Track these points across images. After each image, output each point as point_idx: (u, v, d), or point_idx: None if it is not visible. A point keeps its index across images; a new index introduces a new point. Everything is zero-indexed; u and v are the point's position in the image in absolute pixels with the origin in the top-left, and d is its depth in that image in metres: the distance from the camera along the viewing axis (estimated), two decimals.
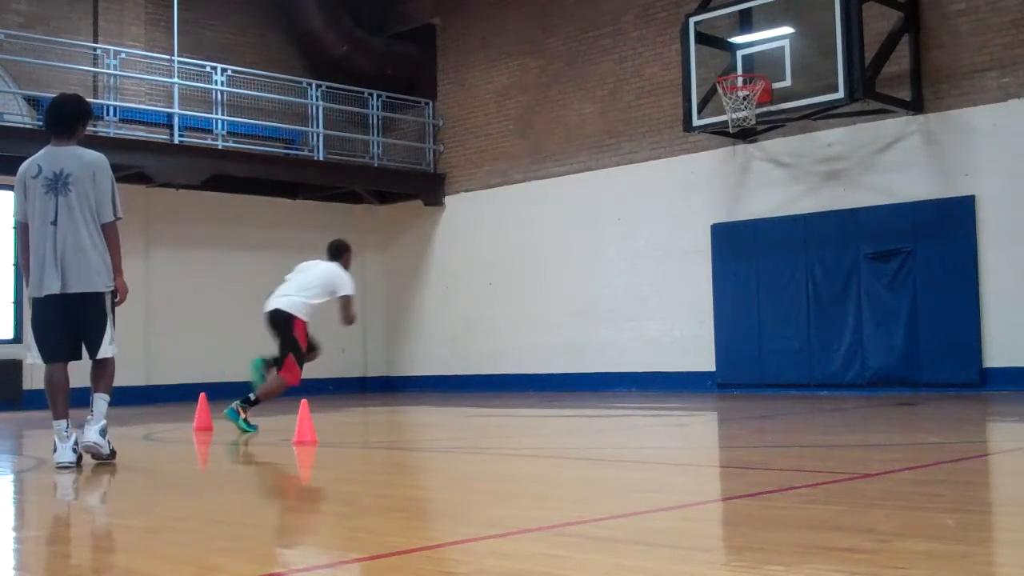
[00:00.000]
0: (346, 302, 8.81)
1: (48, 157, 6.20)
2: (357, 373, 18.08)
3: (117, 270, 6.15)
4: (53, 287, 5.83)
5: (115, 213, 6.16)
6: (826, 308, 12.96)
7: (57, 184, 6.10)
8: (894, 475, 4.78)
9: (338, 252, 9.22)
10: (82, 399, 6.25)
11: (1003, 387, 11.58)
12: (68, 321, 5.95)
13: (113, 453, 6.15)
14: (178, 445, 8.18)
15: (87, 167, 6.06)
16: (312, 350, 9.02)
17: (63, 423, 6.03)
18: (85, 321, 5.96)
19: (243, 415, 8.25)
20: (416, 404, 13.35)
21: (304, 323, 8.69)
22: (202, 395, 9.40)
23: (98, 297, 5.96)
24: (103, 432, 6.10)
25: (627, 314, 14.88)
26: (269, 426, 8.89)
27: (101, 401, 6.22)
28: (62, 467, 5.82)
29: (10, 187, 14.68)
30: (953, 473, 4.93)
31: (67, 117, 6.29)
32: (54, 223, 5.91)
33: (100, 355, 5.99)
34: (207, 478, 6.09)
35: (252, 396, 8.47)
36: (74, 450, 5.99)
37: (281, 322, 8.64)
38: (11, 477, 6.04)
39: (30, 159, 6.14)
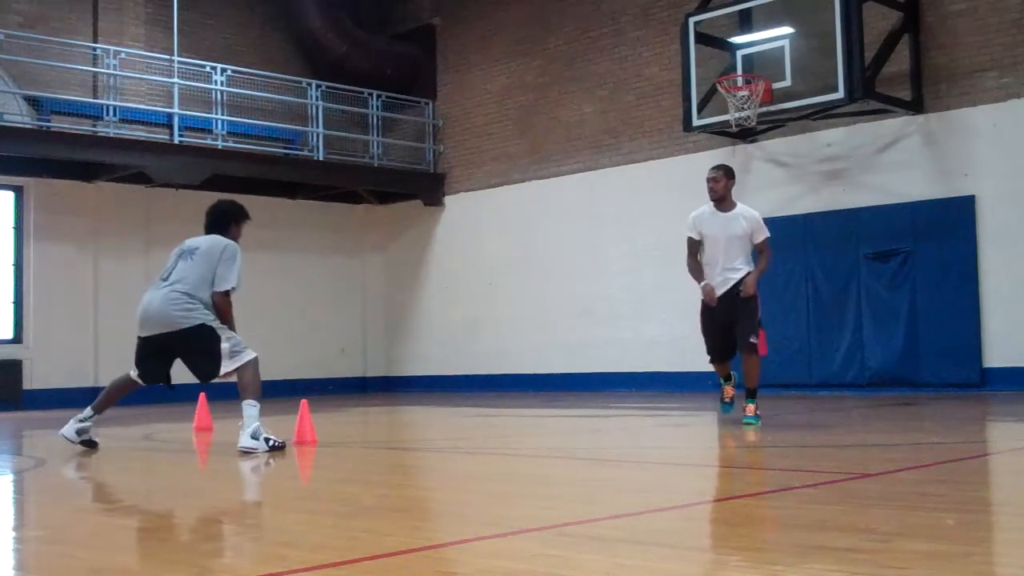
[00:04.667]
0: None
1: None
2: (357, 373, 18.08)
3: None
4: None
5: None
6: (826, 308, 12.96)
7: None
8: (894, 475, 4.78)
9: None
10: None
11: (1003, 387, 11.58)
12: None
13: (275, 447, 6.69)
14: (178, 445, 8.18)
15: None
16: None
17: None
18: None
19: None
20: (416, 404, 13.34)
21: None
22: (202, 395, 9.39)
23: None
24: (254, 435, 6.76)
25: (627, 314, 14.87)
26: (269, 426, 8.89)
27: (246, 407, 6.93)
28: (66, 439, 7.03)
29: (10, 187, 14.75)
30: (953, 473, 4.93)
31: (217, 222, 7.64)
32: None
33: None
34: (207, 478, 6.09)
35: None
36: (77, 432, 7.10)
37: None
38: (11, 477, 6.04)
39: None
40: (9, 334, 14.66)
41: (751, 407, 7.89)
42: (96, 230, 15.20)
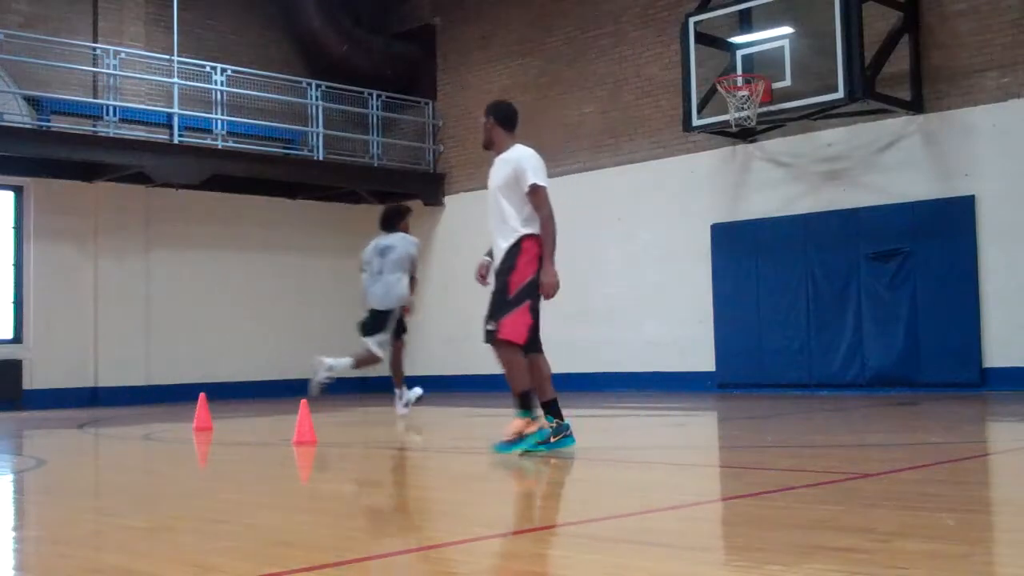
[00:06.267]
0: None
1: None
2: (357, 373, 18.06)
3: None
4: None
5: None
6: (826, 308, 12.96)
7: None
8: (894, 475, 4.78)
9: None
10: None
11: (1003, 387, 11.58)
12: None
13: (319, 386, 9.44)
14: (178, 445, 8.17)
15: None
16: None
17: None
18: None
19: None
20: (416, 404, 13.32)
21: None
22: (202, 395, 9.40)
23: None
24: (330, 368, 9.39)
25: (627, 314, 14.87)
26: (269, 426, 8.89)
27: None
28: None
29: (10, 187, 14.74)
30: (953, 473, 4.93)
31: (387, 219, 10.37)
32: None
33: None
34: (207, 478, 6.09)
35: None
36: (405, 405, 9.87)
37: None
38: (11, 477, 6.04)
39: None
40: (9, 334, 14.66)
41: (512, 425, 5.99)
42: (96, 230, 15.20)
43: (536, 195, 6.09)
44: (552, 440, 5.94)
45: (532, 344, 6.09)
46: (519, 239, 6.05)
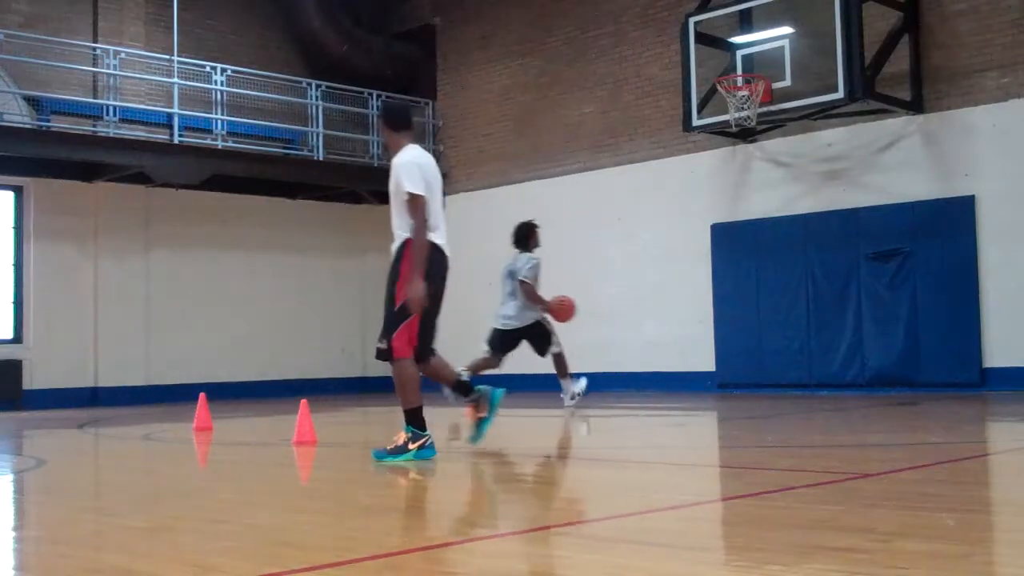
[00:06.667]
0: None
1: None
2: (357, 373, 18.07)
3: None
4: None
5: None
6: (826, 308, 12.96)
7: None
8: (894, 475, 4.78)
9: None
10: None
11: (1003, 387, 11.58)
12: None
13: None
14: (178, 445, 8.17)
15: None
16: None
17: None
18: None
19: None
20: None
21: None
22: (202, 395, 9.40)
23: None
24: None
25: (627, 314, 14.87)
26: (269, 426, 8.89)
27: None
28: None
29: (10, 187, 14.74)
30: (953, 473, 4.93)
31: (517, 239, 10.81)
32: None
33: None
34: (207, 478, 6.09)
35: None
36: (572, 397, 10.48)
37: None
38: (11, 477, 6.04)
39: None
40: (9, 334, 14.66)
41: (397, 437, 5.91)
42: (96, 230, 15.20)
43: (409, 203, 5.86)
44: (411, 447, 5.84)
45: (423, 350, 5.97)
46: (403, 244, 5.90)
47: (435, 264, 5.88)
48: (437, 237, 5.91)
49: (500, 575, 2.91)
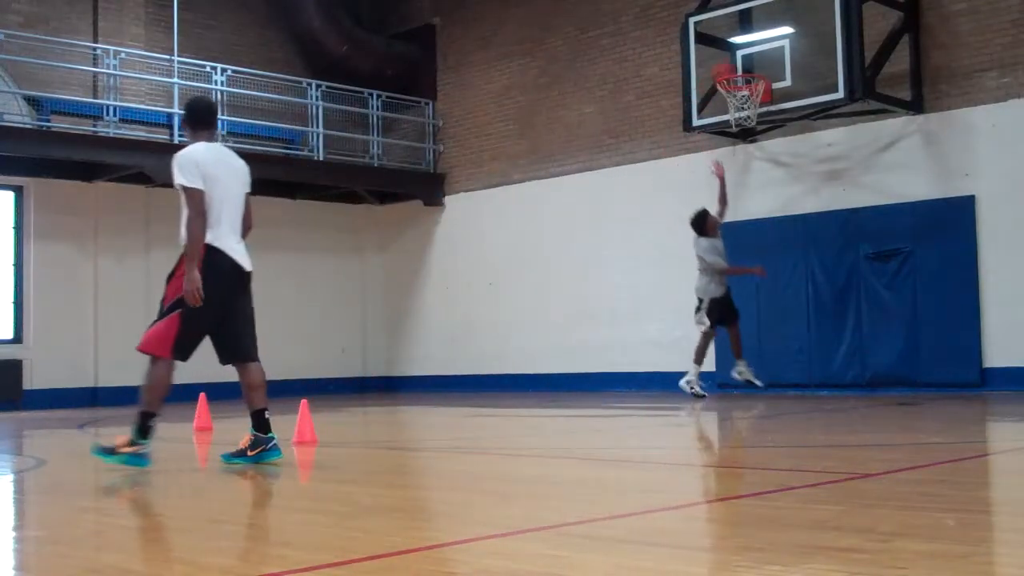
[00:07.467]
0: None
1: None
2: (357, 373, 18.08)
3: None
4: None
5: None
6: (826, 308, 12.95)
7: None
8: (894, 475, 4.78)
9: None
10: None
11: (1003, 387, 11.58)
12: None
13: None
14: (178, 445, 8.18)
15: None
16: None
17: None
18: None
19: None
20: (416, 404, 13.34)
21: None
22: (202, 395, 9.41)
23: None
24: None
25: (627, 314, 14.87)
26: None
27: None
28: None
29: (10, 187, 14.74)
30: (953, 473, 4.93)
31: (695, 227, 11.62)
32: None
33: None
34: (207, 478, 6.09)
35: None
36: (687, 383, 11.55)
37: None
38: (11, 477, 6.04)
39: None
40: (9, 334, 14.66)
41: (243, 439, 5.96)
42: (96, 230, 15.19)
43: (184, 195, 5.87)
44: (249, 454, 5.82)
45: (233, 354, 6.00)
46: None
47: (212, 266, 5.76)
48: (218, 239, 5.78)
49: (500, 575, 2.90)
